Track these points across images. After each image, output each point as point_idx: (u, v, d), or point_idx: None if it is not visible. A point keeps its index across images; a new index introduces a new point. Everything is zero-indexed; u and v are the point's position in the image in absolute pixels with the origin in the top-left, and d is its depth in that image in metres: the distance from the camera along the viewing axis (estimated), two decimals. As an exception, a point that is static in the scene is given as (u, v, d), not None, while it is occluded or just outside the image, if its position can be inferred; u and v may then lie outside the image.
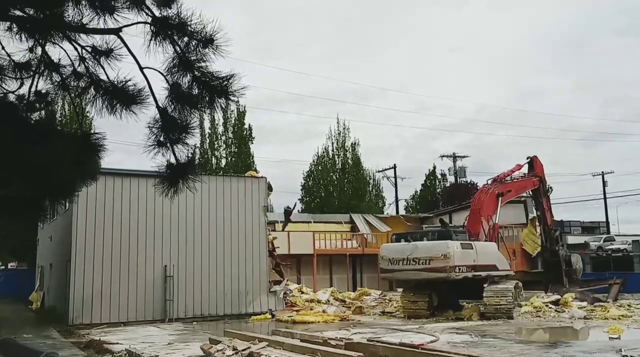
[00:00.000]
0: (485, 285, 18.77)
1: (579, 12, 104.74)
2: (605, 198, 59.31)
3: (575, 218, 56.08)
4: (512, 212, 30.59)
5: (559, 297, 21.59)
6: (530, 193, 25.77)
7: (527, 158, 25.04)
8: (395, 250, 19.51)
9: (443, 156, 57.65)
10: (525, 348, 12.08)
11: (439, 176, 57.27)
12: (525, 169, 24.75)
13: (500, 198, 21.72)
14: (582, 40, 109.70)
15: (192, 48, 4.39)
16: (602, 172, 60.00)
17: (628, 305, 21.60)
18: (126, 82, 4.76)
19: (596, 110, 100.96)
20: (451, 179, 57.06)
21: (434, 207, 48.62)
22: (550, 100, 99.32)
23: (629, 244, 41.51)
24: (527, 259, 32.45)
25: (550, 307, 20.14)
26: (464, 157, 57.98)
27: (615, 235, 50.94)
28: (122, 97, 4.71)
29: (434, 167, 57.26)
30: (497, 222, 21.50)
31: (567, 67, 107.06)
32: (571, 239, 40.88)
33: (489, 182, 22.93)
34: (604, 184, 59.62)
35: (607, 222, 59.29)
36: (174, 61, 4.44)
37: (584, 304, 21.30)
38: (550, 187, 25.76)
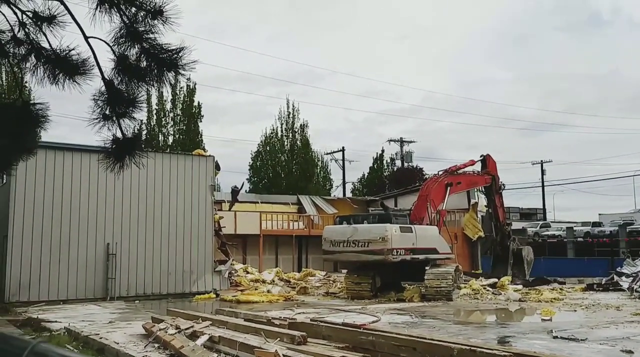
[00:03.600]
0: (427, 268, 19.24)
1: (521, 7, 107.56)
2: (543, 186, 61.59)
3: (514, 204, 58.03)
4: (454, 198, 31.43)
5: (496, 280, 22.39)
6: (483, 190, 26.33)
7: (481, 156, 25.56)
8: (337, 232, 19.78)
9: (391, 141, 58.38)
10: (462, 329, 12.48)
11: (388, 160, 58.03)
12: (478, 166, 25.33)
13: (449, 188, 22.27)
14: (524, 35, 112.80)
15: (141, 19, 4.25)
16: (541, 160, 62.17)
17: (560, 289, 22.63)
18: (70, 51, 4.57)
19: (536, 102, 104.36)
20: (398, 163, 57.91)
21: (381, 190, 49.27)
22: (493, 90, 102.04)
23: (563, 231, 43.41)
24: (468, 243, 33.44)
25: (488, 290, 20.87)
26: (410, 142, 58.87)
27: (551, 222, 53.14)
28: (65, 67, 4.52)
29: (382, 151, 57.96)
30: (444, 208, 22.12)
31: (509, 60, 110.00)
32: (510, 225, 42.34)
33: (440, 172, 23.42)
34: (543, 172, 61.84)
35: (544, 209, 61.67)
36: (121, 31, 4.28)
37: (520, 287, 22.19)
38: (503, 185, 26.35)
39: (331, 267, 29.55)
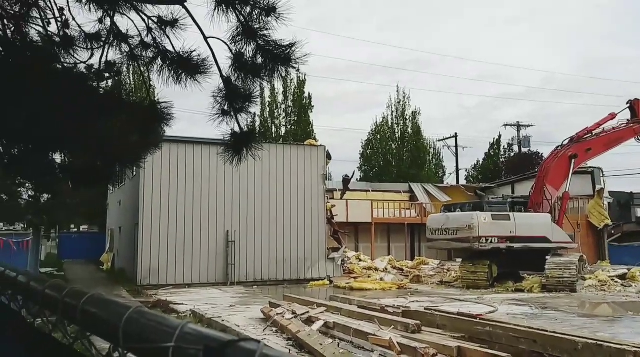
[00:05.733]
0: (547, 257, 18.38)
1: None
2: (680, 170, 56.26)
3: (643, 190, 53.42)
4: (577, 183, 29.57)
5: (625, 271, 20.86)
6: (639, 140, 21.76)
7: (627, 102, 21.28)
8: (436, 220, 20.37)
9: (507, 125, 55.97)
10: (588, 322, 11.82)
11: (505, 146, 55.74)
12: (625, 116, 21.21)
13: (573, 161, 20.02)
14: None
15: (255, 17, 4.43)
16: (678, 142, 56.78)
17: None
18: (191, 52, 4.86)
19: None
20: (516, 149, 55.44)
21: (497, 177, 47.56)
22: (619, 69, 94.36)
23: None
24: (593, 232, 31.37)
25: (617, 282, 19.52)
26: (528, 126, 56.04)
27: (690, 208, 48.50)
28: (188, 67, 4.81)
29: (500, 136, 55.67)
30: (567, 190, 20.29)
31: (636, 36, 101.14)
32: (641, 212, 39.29)
33: (565, 142, 20.53)
34: (680, 154, 56.49)
35: (681, 195, 56.33)
36: (238, 30, 4.49)
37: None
38: None
39: (445, 256, 29.04)
